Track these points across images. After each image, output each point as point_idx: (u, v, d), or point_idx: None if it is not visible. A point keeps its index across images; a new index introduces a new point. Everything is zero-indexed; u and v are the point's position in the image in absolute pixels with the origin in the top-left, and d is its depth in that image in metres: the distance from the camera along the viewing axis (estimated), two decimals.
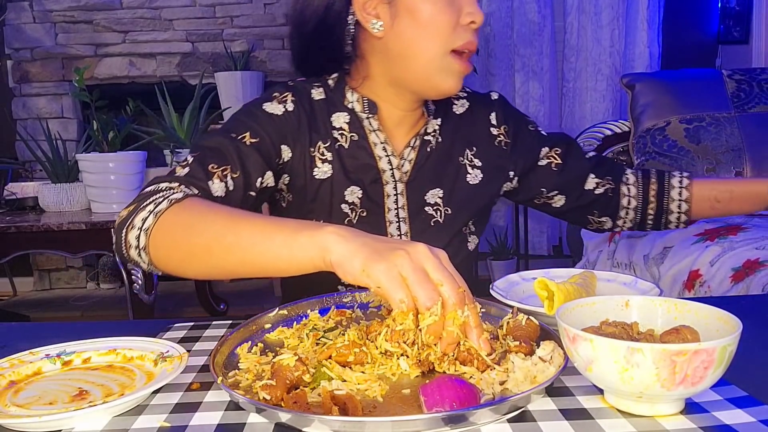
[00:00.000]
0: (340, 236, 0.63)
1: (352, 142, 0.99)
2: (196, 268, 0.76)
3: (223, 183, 0.88)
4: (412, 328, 0.59)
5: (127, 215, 0.79)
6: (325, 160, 0.98)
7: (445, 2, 0.90)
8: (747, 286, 1.53)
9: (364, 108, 1.00)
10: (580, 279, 0.80)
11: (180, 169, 0.88)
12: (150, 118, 2.65)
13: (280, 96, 0.98)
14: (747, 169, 2.36)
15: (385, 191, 1.01)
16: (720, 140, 2.38)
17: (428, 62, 0.92)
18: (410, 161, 1.02)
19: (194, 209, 0.77)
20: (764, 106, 2.43)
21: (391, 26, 0.93)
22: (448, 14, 0.90)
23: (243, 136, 0.92)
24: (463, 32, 0.91)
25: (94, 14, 3.63)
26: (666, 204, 1.09)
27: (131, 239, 0.78)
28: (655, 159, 2.38)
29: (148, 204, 0.79)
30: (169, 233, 0.76)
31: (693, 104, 2.45)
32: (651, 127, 2.44)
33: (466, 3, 0.91)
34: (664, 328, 0.58)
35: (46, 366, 0.67)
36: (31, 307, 3.44)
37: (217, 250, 0.72)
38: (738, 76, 2.51)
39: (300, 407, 0.53)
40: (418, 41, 0.92)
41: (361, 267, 0.60)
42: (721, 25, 3.36)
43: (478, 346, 0.60)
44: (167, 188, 0.82)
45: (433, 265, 0.60)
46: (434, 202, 1.03)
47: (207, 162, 0.88)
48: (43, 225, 2.19)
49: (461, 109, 1.09)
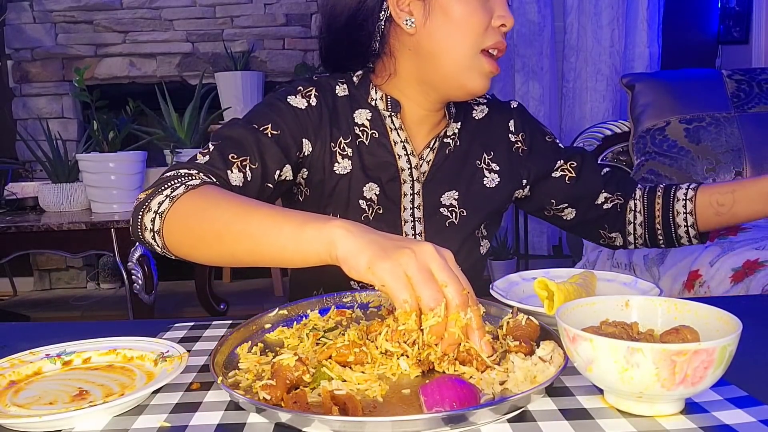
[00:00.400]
0: (348, 231, 0.63)
1: (373, 139, 1.00)
2: (207, 254, 0.77)
3: (241, 173, 0.88)
4: (415, 329, 0.59)
5: (145, 198, 0.81)
6: (345, 156, 0.99)
7: (478, 3, 0.92)
8: (747, 286, 1.53)
9: (387, 106, 1.00)
10: (580, 279, 0.80)
11: (201, 156, 0.89)
12: (150, 118, 2.65)
13: (304, 90, 0.99)
14: (747, 169, 2.36)
15: (402, 190, 1.01)
16: (720, 140, 2.38)
17: (458, 61, 0.93)
18: (428, 162, 1.03)
19: (209, 196, 0.78)
20: (764, 106, 2.43)
21: (424, 24, 0.94)
22: (480, 15, 0.92)
23: (265, 128, 0.93)
24: (494, 34, 0.93)
25: (95, 14, 3.63)
26: (671, 218, 1.07)
27: (147, 222, 0.79)
28: (655, 159, 2.38)
29: (165, 189, 0.80)
30: (182, 218, 0.77)
31: (693, 104, 2.45)
32: (651, 127, 2.44)
33: (498, 6, 0.93)
34: (664, 328, 0.58)
35: (46, 366, 0.67)
36: (31, 307, 3.44)
37: (227, 238, 0.73)
38: (738, 76, 2.51)
39: (300, 407, 0.53)
40: (449, 40, 0.93)
41: (367, 264, 0.60)
42: (721, 25, 3.36)
43: (480, 348, 0.60)
44: (186, 174, 0.83)
45: (438, 266, 0.60)
46: (449, 204, 1.03)
47: (227, 151, 0.89)
48: (43, 225, 2.19)
49: (480, 115, 1.10)
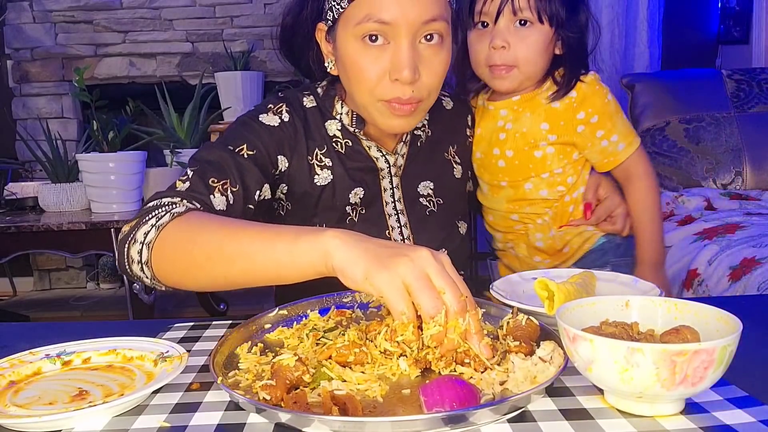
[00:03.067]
0: (342, 241, 0.63)
1: (348, 147, 1.01)
2: (200, 279, 0.76)
3: (224, 197, 0.88)
4: (413, 339, 0.60)
5: (129, 230, 0.80)
6: (324, 167, 1.00)
7: (373, 56, 0.88)
8: (744, 284, 1.54)
9: (352, 121, 1.01)
10: (580, 279, 0.80)
11: (180, 183, 0.87)
12: (150, 118, 2.65)
13: (275, 107, 0.99)
14: (746, 168, 2.36)
15: (382, 185, 1.03)
16: (719, 140, 2.38)
17: (364, 107, 0.94)
18: (403, 156, 1.05)
19: (196, 221, 0.77)
20: (764, 106, 2.43)
21: (336, 69, 0.96)
22: (369, 71, 0.88)
23: (240, 149, 0.92)
24: (392, 87, 0.88)
25: (94, 14, 3.63)
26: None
27: (134, 254, 0.78)
28: (655, 159, 2.38)
29: (150, 218, 0.79)
30: (171, 246, 0.76)
31: (692, 104, 2.45)
32: (651, 127, 2.44)
33: (396, 58, 0.87)
34: (664, 328, 0.58)
35: (46, 366, 0.67)
36: (31, 307, 3.44)
37: (219, 260, 0.72)
38: (738, 76, 2.51)
39: (300, 407, 0.53)
40: (349, 87, 0.94)
41: (364, 275, 0.60)
42: (721, 25, 3.36)
43: (479, 351, 0.60)
44: (169, 203, 0.82)
45: (436, 272, 0.61)
46: (426, 194, 1.07)
47: (207, 176, 0.88)
48: (43, 225, 2.18)
49: (449, 105, 1.13)
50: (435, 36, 0.88)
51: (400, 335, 0.60)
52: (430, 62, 0.89)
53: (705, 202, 2.18)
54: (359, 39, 0.88)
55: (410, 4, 0.85)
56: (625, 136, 1.10)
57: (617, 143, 1.09)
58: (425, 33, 0.88)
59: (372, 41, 0.87)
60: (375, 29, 0.86)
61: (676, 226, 1.99)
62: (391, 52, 0.87)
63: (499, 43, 1.04)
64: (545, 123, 1.09)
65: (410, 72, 0.86)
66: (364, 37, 0.87)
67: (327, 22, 0.92)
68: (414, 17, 0.85)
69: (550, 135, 1.09)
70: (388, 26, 0.86)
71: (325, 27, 0.94)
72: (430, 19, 0.86)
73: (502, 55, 1.04)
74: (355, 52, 0.89)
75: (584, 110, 1.08)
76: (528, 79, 1.08)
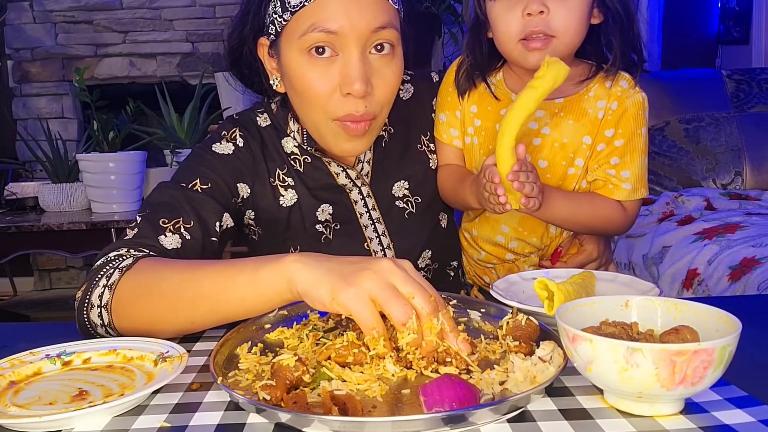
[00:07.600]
0: (303, 264, 0.63)
1: (307, 164, 0.98)
2: (166, 328, 0.74)
3: (176, 235, 0.85)
4: (387, 352, 0.61)
5: (82, 296, 0.77)
6: (288, 186, 0.97)
7: (321, 69, 0.84)
8: (744, 284, 1.54)
9: (303, 140, 0.97)
10: (579, 279, 0.80)
11: (129, 231, 0.85)
12: (150, 118, 2.65)
13: (228, 134, 0.97)
14: (746, 168, 2.36)
15: (351, 199, 0.99)
16: (719, 140, 2.38)
17: (315, 127, 0.90)
18: (368, 162, 1.00)
19: (148, 271, 0.75)
20: (764, 106, 2.43)
21: (284, 88, 0.92)
22: (322, 83, 0.84)
23: (194, 184, 0.90)
24: (343, 102, 0.84)
25: (94, 14, 3.63)
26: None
27: (94, 318, 0.76)
28: (655, 159, 2.38)
29: (100, 278, 0.77)
30: (129, 302, 0.74)
31: (692, 104, 2.45)
32: (650, 127, 2.44)
33: (346, 71, 0.83)
34: (663, 328, 0.58)
35: (46, 366, 0.67)
36: (31, 307, 3.44)
37: (182, 307, 0.71)
38: (737, 76, 2.51)
39: (300, 407, 0.53)
40: (299, 107, 0.91)
41: (330, 296, 0.61)
42: (721, 25, 3.36)
43: (458, 348, 0.61)
44: (116, 257, 0.80)
45: (400, 279, 0.61)
46: (402, 195, 1.01)
47: (157, 217, 0.85)
48: (43, 225, 2.19)
49: (407, 95, 1.05)
50: (386, 45, 0.84)
51: (373, 350, 0.61)
52: (383, 73, 0.85)
53: (705, 202, 2.18)
54: (305, 52, 0.83)
55: (357, 12, 0.81)
56: (637, 179, 0.94)
57: (626, 180, 0.93)
58: (375, 42, 0.84)
59: (319, 54, 0.83)
60: (321, 40, 0.82)
61: (676, 226, 1.99)
62: (340, 64, 0.83)
63: (536, 7, 0.85)
64: (588, 136, 0.94)
65: (362, 84, 0.82)
66: (310, 49, 0.83)
67: (269, 36, 0.88)
68: (363, 26, 0.81)
69: (588, 151, 0.94)
70: (336, 36, 0.81)
71: (268, 42, 0.90)
72: (379, 26, 0.82)
73: (539, 22, 0.86)
74: (301, 67, 0.84)
75: (615, 128, 0.93)
76: (567, 52, 0.89)
